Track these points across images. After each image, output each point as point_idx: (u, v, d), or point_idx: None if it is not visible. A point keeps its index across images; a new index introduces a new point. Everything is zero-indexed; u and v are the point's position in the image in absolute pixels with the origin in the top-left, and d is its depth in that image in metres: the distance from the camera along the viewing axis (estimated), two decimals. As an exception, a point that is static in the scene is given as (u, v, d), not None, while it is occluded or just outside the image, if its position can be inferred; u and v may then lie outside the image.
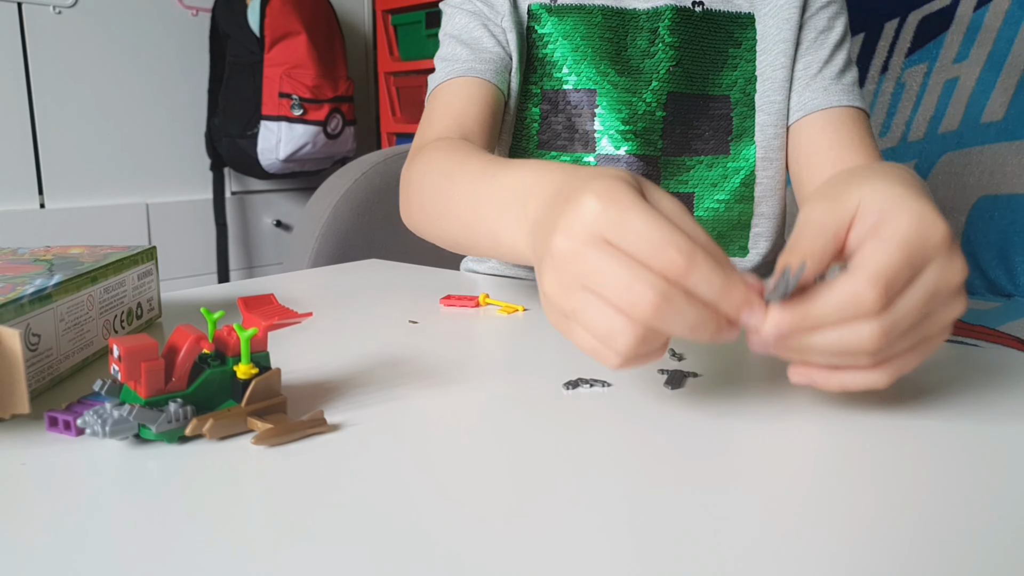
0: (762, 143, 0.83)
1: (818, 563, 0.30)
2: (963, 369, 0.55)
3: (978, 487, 0.37)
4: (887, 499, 0.36)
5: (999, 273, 1.37)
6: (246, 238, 2.59)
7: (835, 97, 0.82)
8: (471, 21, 0.88)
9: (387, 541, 0.32)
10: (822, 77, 0.84)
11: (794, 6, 0.83)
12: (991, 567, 0.30)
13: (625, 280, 0.38)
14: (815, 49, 0.84)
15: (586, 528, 0.33)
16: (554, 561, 0.30)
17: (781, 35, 0.83)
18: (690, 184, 0.83)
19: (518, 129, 0.88)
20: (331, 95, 2.34)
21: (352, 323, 0.68)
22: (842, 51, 0.86)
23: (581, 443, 0.42)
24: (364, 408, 0.47)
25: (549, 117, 0.86)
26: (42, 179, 2.16)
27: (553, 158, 0.86)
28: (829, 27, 0.85)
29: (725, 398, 0.49)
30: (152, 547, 0.31)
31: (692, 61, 0.83)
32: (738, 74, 0.84)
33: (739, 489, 0.37)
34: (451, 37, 0.89)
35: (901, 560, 0.31)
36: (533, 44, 0.86)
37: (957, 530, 0.33)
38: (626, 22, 0.84)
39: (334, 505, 0.35)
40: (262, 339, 0.45)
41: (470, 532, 0.33)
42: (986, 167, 1.41)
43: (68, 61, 2.17)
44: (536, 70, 0.86)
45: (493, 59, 0.85)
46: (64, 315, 0.51)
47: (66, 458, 0.40)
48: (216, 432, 0.42)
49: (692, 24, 0.83)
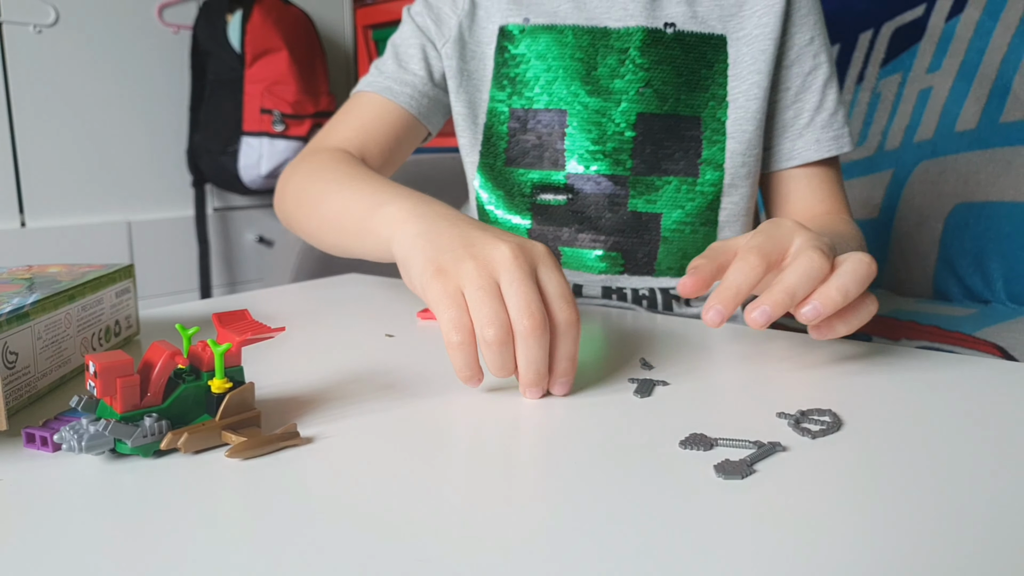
0: (729, 170, 0.84)
1: (792, 566, 0.31)
2: (940, 374, 0.56)
3: (953, 491, 0.38)
4: (860, 501, 0.37)
5: (975, 280, 1.39)
6: (228, 254, 2.59)
7: (825, 147, 0.87)
8: (412, 37, 0.92)
9: (361, 553, 0.33)
10: (814, 127, 0.87)
11: (769, 38, 0.84)
12: (967, 573, 0.31)
13: (487, 314, 0.49)
14: (805, 94, 0.86)
15: (560, 537, 0.34)
16: (530, 571, 0.31)
17: (756, 65, 0.84)
18: (658, 204, 0.84)
19: (485, 147, 0.89)
20: (312, 110, 2.34)
21: (328, 337, 0.68)
22: (831, 88, 0.88)
23: (554, 453, 0.43)
24: (337, 421, 0.48)
25: (517, 135, 0.87)
26: (23, 198, 2.15)
27: (521, 175, 0.87)
28: (815, 66, 0.87)
29: (692, 406, 0.50)
30: (128, 560, 0.32)
31: (663, 82, 0.84)
32: (709, 95, 0.85)
33: (708, 495, 0.37)
34: (392, 45, 0.94)
35: (876, 563, 0.32)
36: (504, 63, 0.87)
37: (930, 534, 0.34)
38: (597, 42, 0.85)
39: (308, 517, 0.35)
40: (236, 354, 0.46)
41: (445, 545, 0.33)
42: (961, 175, 1.43)
43: (49, 79, 2.17)
44: (505, 88, 0.87)
45: (414, 83, 0.90)
46: (42, 333, 0.51)
47: (43, 473, 0.41)
48: (191, 446, 0.42)
49: (663, 45, 0.84)
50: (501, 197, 0.88)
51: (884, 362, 0.59)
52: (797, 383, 0.55)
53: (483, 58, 0.89)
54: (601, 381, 0.55)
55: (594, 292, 0.87)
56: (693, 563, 0.31)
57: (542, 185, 0.86)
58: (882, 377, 0.56)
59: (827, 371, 0.57)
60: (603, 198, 0.84)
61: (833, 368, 0.58)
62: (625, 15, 0.84)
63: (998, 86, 1.42)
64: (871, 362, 0.59)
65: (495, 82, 0.88)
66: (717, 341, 0.67)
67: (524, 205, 0.87)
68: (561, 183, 0.85)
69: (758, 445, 0.43)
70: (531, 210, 0.87)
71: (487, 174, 0.89)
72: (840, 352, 0.62)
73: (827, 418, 0.47)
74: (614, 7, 0.85)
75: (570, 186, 0.85)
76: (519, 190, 0.87)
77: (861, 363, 0.59)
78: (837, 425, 0.46)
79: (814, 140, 0.87)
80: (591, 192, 0.85)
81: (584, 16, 0.85)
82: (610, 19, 0.85)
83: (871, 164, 1.57)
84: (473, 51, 0.89)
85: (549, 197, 0.86)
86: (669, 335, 0.69)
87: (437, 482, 0.39)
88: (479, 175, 0.90)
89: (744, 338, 0.68)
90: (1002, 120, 1.40)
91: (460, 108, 0.89)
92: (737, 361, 0.61)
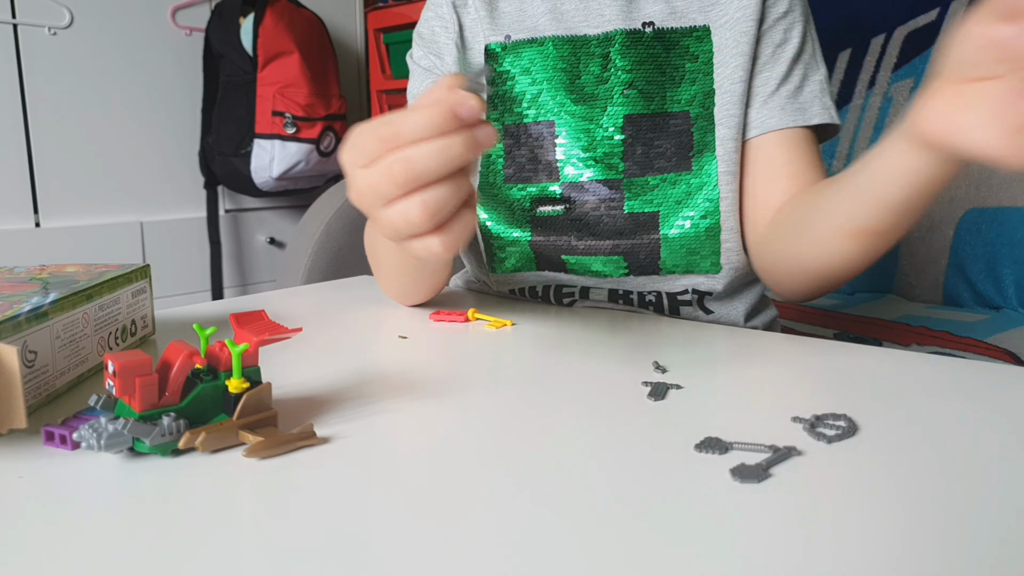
0: (723, 157, 0.84)
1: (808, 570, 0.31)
2: (953, 380, 0.56)
3: (968, 496, 0.38)
4: (877, 506, 0.37)
5: (987, 285, 1.39)
6: (240, 256, 2.60)
7: (790, 117, 0.84)
8: (423, 81, 0.92)
9: (377, 552, 0.33)
10: (779, 96, 0.84)
11: (750, 19, 0.83)
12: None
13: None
14: (772, 64, 0.84)
15: (575, 538, 0.34)
16: (545, 571, 0.31)
17: (739, 48, 0.83)
18: (655, 203, 0.84)
19: (484, 166, 0.89)
20: (324, 113, 2.35)
21: (342, 338, 0.69)
22: (799, 65, 0.85)
23: (569, 455, 0.43)
24: (353, 421, 0.48)
25: (512, 151, 0.87)
26: (37, 198, 2.16)
27: (520, 191, 0.87)
28: (785, 40, 0.85)
29: (707, 409, 0.50)
30: (145, 557, 0.32)
31: (647, 82, 0.84)
32: (696, 88, 0.84)
33: (725, 498, 0.38)
34: (411, 99, 0.95)
35: (892, 567, 0.32)
36: (492, 82, 0.88)
37: (945, 538, 0.34)
38: (578, 50, 0.85)
39: (325, 516, 0.36)
40: (253, 354, 0.46)
41: (461, 544, 0.33)
42: (972, 180, 1.43)
43: (63, 81, 2.18)
44: (496, 107, 0.88)
45: None
46: (60, 332, 0.52)
47: (62, 471, 0.41)
48: (208, 445, 0.42)
49: (643, 45, 0.84)
50: (501, 214, 0.88)
51: (896, 367, 0.59)
52: (810, 387, 0.55)
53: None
54: (614, 384, 0.55)
55: (600, 296, 0.87)
56: (710, 566, 0.31)
57: (540, 198, 0.86)
58: (895, 382, 0.56)
59: (840, 376, 0.57)
60: (599, 204, 0.85)
61: (846, 373, 0.58)
62: (603, 21, 0.84)
63: (1011, 92, 1.42)
64: (883, 367, 0.59)
65: (487, 102, 0.88)
66: (728, 344, 0.67)
67: (524, 219, 0.87)
68: (557, 194, 0.86)
69: (774, 449, 0.43)
70: (530, 223, 0.87)
71: (487, 193, 0.89)
72: (852, 357, 0.62)
73: (842, 423, 0.47)
74: (591, 14, 0.85)
75: (566, 196, 0.85)
76: (519, 205, 0.87)
77: (873, 368, 0.59)
78: (852, 430, 0.46)
79: (779, 108, 0.84)
80: (587, 199, 0.85)
81: (563, 27, 0.85)
82: (588, 27, 0.85)
83: (883, 169, 1.57)
84: (468, 73, 0.90)
85: (548, 209, 0.86)
86: (680, 338, 0.69)
87: (452, 481, 0.39)
88: (478, 194, 0.90)
89: (755, 342, 0.68)
90: (1015, 126, 1.40)
91: None
92: (749, 365, 0.61)
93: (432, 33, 0.92)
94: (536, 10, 0.87)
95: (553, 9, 0.86)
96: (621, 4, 0.84)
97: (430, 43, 0.92)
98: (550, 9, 0.86)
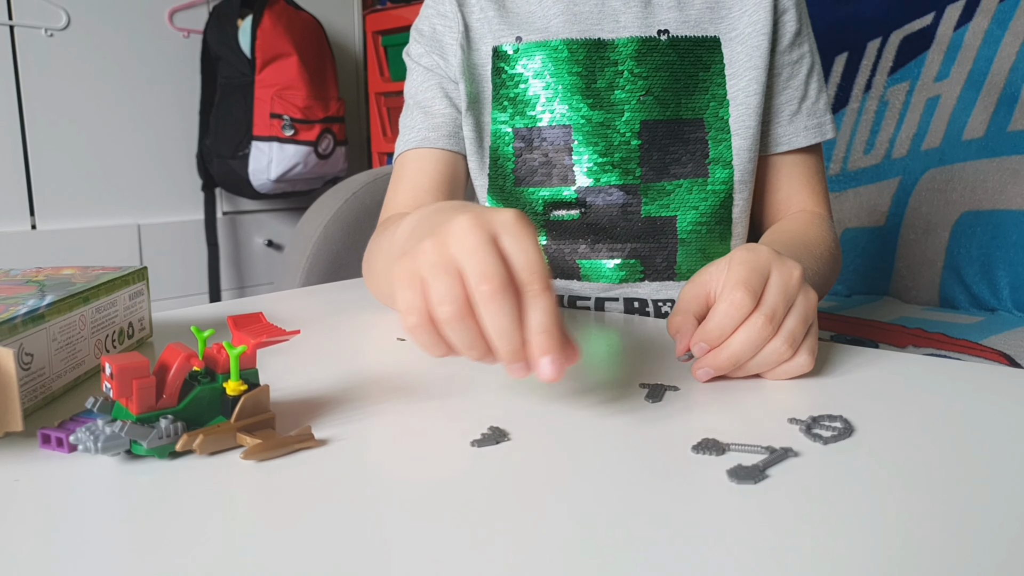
0: (738, 166, 0.85)
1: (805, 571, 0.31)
2: (948, 382, 0.57)
3: (962, 499, 0.38)
4: (873, 507, 0.37)
5: (982, 288, 1.39)
6: (237, 258, 2.60)
7: (812, 134, 0.90)
8: (425, 80, 0.92)
9: (375, 554, 0.33)
10: (801, 114, 0.89)
11: (762, 33, 0.84)
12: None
13: (439, 290, 0.44)
14: (793, 81, 0.88)
15: (572, 540, 0.34)
16: (543, 573, 0.31)
17: (752, 62, 0.84)
18: (671, 207, 0.85)
19: (493, 169, 0.89)
20: (322, 116, 2.35)
21: (340, 340, 0.69)
22: (813, 78, 0.89)
23: (566, 456, 0.43)
24: (351, 424, 0.48)
25: (523, 154, 0.87)
26: (33, 200, 2.16)
27: (532, 194, 0.87)
28: (801, 56, 0.88)
29: (704, 410, 0.50)
30: (143, 560, 0.32)
31: (662, 88, 0.84)
32: (709, 97, 0.85)
33: (722, 499, 0.38)
34: (410, 98, 0.94)
35: (888, 568, 0.32)
36: (503, 84, 0.87)
37: (941, 540, 0.34)
38: (592, 54, 0.85)
39: (322, 519, 0.36)
40: (251, 356, 0.46)
41: (459, 545, 0.34)
42: (968, 183, 1.43)
43: (60, 83, 2.18)
44: (507, 109, 0.87)
45: (445, 123, 0.90)
46: (56, 335, 0.52)
47: (59, 474, 0.41)
48: (206, 447, 0.42)
49: (658, 52, 0.84)
50: None
51: (892, 369, 0.60)
52: (806, 389, 0.55)
53: (483, 80, 0.89)
54: (612, 385, 0.55)
55: (615, 308, 0.87)
56: (706, 567, 0.31)
57: (554, 202, 0.86)
58: (890, 384, 0.56)
59: (836, 378, 0.57)
60: (616, 208, 0.85)
61: (842, 375, 0.58)
62: (617, 26, 0.84)
63: (1006, 95, 1.42)
64: (879, 369, 0.60)
65: (495, 104, 0.88)
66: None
67: (537, 223, 0.87)
68: (572, 198, 0.85)
69: (770, 450, 0.43)
70: (544, 227, 0.87)
71: (497, 196, 0.89)
72: (848, 359, 0.62)
73: (838, 424, 0.47)
74: (605, 18, 0.85)
75: (582, 200, 0.85)
76: (531, 209, 0.87)
77: (869, 370, 0.59)
78: (849, 431, 0.46)
79: (802, 127, 0.89)
80: (603, 204, 0.85)
81: (577, 29, 0.85)
82: (602, 31, 0.85)
83: (878, 172, 1.57)
84: (473, 74, 0.89)
85: (562, 213, 0.86)
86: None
87: (450, 484, 0.39)
88: (489, 198, 0.90)
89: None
90: (1010, 129, 1.40)
91: (468, 132, 0.89)
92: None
93: (433, 31, 0.91)
94: (549, 11, 0.87)
95: (567, 10, 0.86)
96: (637, 10, 0.84)
97: (431, 41, 0.92)
98: (564, 10, 0.86)
